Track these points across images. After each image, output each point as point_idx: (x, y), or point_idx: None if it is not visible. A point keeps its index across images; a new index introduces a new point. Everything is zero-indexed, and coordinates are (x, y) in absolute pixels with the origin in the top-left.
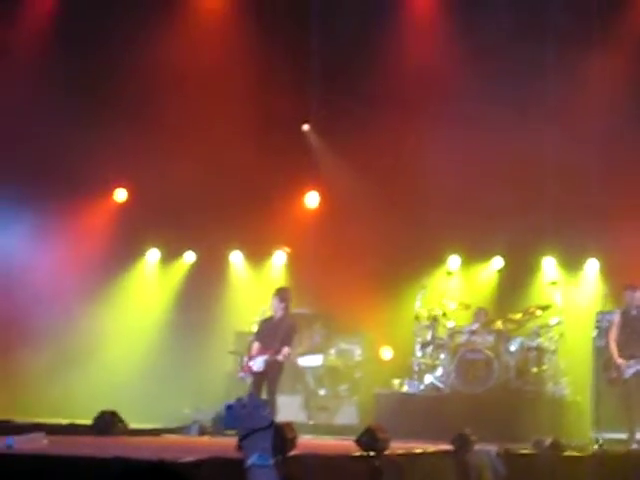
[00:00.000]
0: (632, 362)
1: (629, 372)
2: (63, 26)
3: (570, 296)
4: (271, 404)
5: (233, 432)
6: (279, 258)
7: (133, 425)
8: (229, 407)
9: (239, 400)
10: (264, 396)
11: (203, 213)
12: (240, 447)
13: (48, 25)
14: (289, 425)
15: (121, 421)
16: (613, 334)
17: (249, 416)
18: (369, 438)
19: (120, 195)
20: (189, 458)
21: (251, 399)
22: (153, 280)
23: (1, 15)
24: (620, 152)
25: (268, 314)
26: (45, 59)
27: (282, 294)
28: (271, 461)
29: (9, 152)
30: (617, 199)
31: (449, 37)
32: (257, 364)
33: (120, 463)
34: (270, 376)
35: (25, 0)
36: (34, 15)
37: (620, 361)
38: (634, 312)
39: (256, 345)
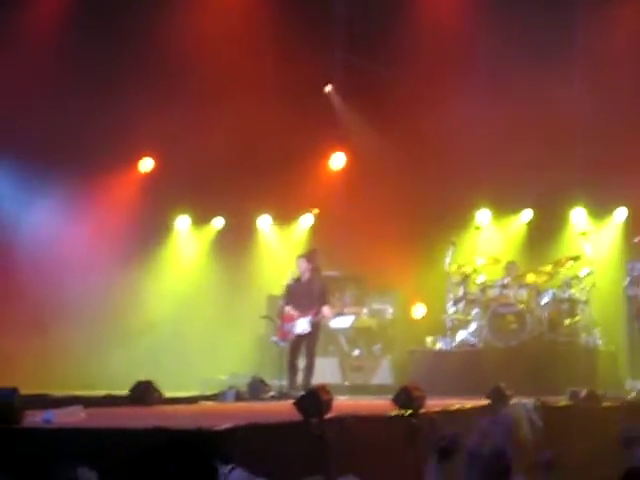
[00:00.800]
0: None
1: None
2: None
3: (600, 246)
4: (310, 365)
5: (269, 396)
6: (307, 220)
7: (169, 393)
8: None
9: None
10: (302, 358)
11: (229, 179)
12: None
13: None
14: (324, 387)
15: (157, 390)
16: None
17: None
18: (405, 397)
19: (146, 164)
20: (226, 425)
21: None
22: (183, 247)
23: None
24: None
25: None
26: (68, 31)
27: (308, 256)
28: None
29: (35, 126)
30: None
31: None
32: (300, 326)
33: (158, 433)
34: (310, 338)
35: None
36: None
37: None
38: None
39: (288, 309)
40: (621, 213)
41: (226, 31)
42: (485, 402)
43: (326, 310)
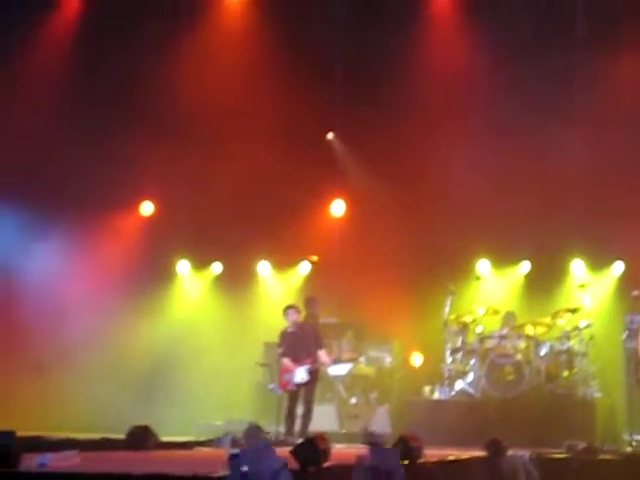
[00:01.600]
0: None
1: None
2: (85, 44)
3: (599, 298)
4: (308, 412)
5: (265, 443)
6: (306, 268)
7: (165, 438)
8: (234, 456)
9: (243, 450)
10: (300, 405)
11: (229, 225)
12: None
13: (69, 43)
14: (322, 436)
15: (153, 435)
16: None
17: (261, 462)
18: (402, 447)
19: (147, 208)
20: (222, 472)
21: (257, 445)
22: (183, 292)
23: (24, 35)
24: None
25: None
26: (71, 73)
27: (295, 307)
28: None
29: (36, 170)
30: None
31: (473, 44)
32: (299, 375)
33: (156, 479)
34: (309, 385)
35: (46, 18)
36: (54, 34)
37: None
38: None
39: (287, 360)
40: (619, 266)
41: (228, 78)
42: (482, 453)
43: (323, 355)
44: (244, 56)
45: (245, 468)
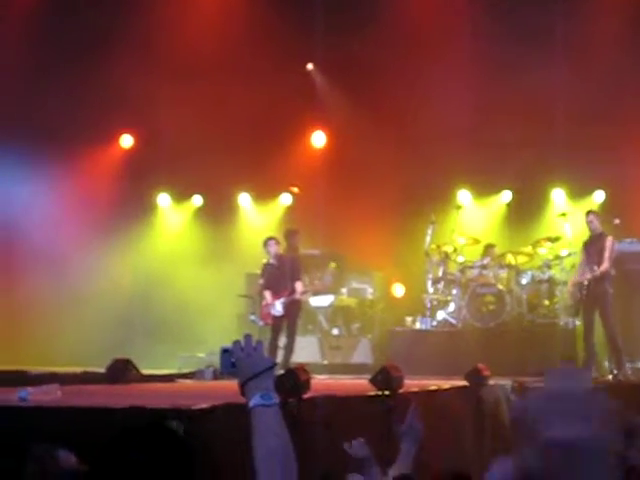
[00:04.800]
0: (575, 288)
1: (575, 297)
2: None
3: (580, 227)
4: (290, 344)
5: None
6: (287, 199)
7: (147, 371)
8: (225, 351)
9: (235, 343)
10: (283, 339)
11: (209, 157)
12: (243, 391)
13: None
14: (302, 368)
15: (134, 368)
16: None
17: (249, 358)
18: (383, 377)
19: (126, 141)
20: (203, 404)
21: (248, 340)
22: (163, 225)
23: None
24: (627, 84)
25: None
26: (41, 10)
27: (275, 239)
28: (275, 400)
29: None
30: (624, 130)
31: None
32: (276, 309)
33: (136, 412)
34: (290, 317)
35: None
36: None
37: (570, 288)
38: (593, 236)
39: (267, 293)
40: (599, 195)
41: (205, 8)
42: (463, 383)
43: (298, 287)
44: None
45: (234, 359)
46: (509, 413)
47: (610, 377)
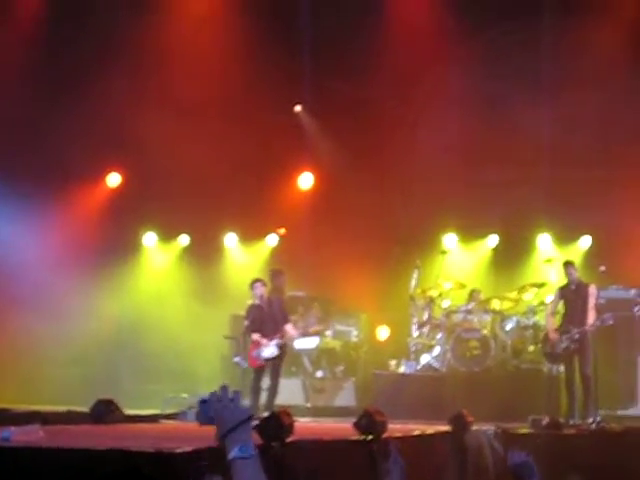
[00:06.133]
0: (564, 337)
1: (560, 347)
2: (50, 9)
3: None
4: (274, 386)
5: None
6: (273, 240)
7: (132, 411)
8: (203, 402)
9: (212, 394)
10: (266, 381)
11: (196, 196)
12: (221, 443)
13: (34, 10)
14: (286, 411)
15: (118, 409)
16: (550, 309)
17: (227, 410)
18: (367, 422)
19: (113, 179)
20: (186, 448)
21: (224, 391)
22: (149, 264)
23: None
24: (614, 127)
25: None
26: (35, 34)
27: (262, 281)
28: (253, 452)
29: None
30: (611, 175)
31: (443, 13)
32: (269, 350)
33: (118, 454)
34: (276, 359)
35: None
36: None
37: (553, 336)
38: (572, 287)
39: (255, 335)
40: (586, 241)
41: (195, 48)
42: (447, 428)
43: (290, 329)
44: (211, 27)
45: (211, 413)
46: (492, 459)
47: (593, 425)
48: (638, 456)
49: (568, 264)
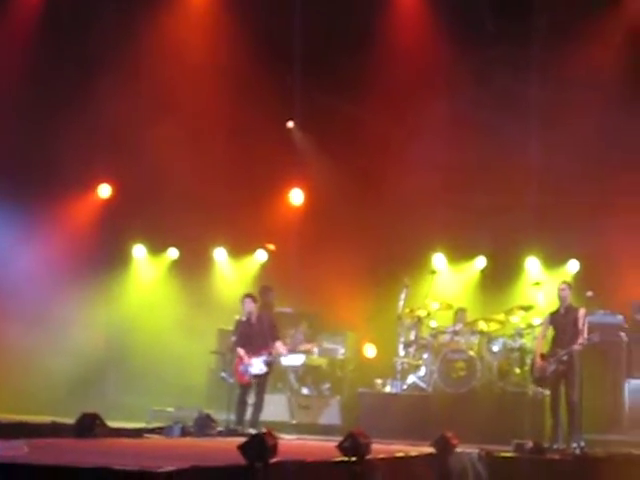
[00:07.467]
0: (552, 360)
1: (549, 370)
2: (44, 21)
3: (553, 297)
4: (259, 402)
5: (216, 432)
6: (262, 255)
7: (117, 424)
8: None
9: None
10: (251, 396)
11: (186, 210)
12: None
13: (28, 21)
14: (270, 432)
15: (102, 423)
16: (540, 334)
17: None
18: (351, 443)
19: (104, 191)
20: (170, 467)
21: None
22: (137, 277)
23: None
24: (603, 155)
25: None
26: (27, 50)
27: (252, 296)
28: None
29: None
30: (600, 200)
31: (434, 38)
32: (257, 367)
33: (102, 472)
34: (263, 376)
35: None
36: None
37: (538, 360)
38: (562, 311)
39: (242, 351)
40: (574, 265)
41: (186, 63)
42: (430, 450)
43: (280, 346)
44: (203, 43)
45: None
46: None
47: (577, 450)
48: None
49: (563, 283)
